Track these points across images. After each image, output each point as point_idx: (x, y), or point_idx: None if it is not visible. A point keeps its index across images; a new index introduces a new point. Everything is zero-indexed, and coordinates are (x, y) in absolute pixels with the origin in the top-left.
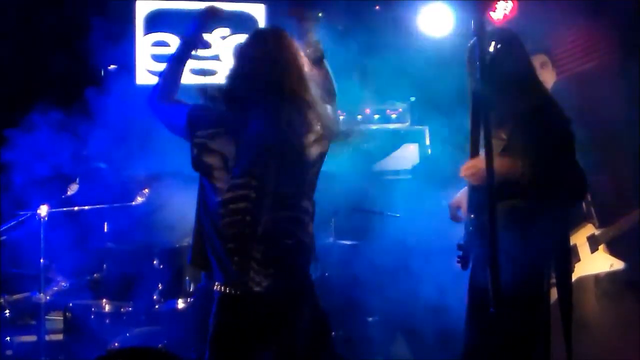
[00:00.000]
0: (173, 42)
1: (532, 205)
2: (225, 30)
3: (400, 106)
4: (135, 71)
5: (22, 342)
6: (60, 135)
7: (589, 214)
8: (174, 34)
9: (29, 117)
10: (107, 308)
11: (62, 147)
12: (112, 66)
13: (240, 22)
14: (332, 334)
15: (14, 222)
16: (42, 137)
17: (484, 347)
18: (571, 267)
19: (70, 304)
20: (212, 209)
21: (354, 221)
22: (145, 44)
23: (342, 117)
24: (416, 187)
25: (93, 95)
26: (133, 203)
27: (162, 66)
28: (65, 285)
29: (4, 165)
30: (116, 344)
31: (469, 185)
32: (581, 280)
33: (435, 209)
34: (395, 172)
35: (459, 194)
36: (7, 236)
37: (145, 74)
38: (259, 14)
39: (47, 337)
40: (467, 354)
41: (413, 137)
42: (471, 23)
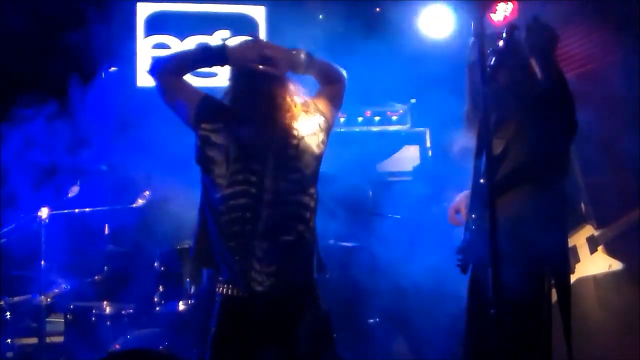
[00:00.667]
0: (174, 44)
1: (532, 202)
2: (226, 32)
3: (401, 108)
4: (136, 73)
5: (23, 344)
6: (60, 137)
7: (588, 215)
8: (175, 35)
9: (28, 116)
10: (107, 310)
11: (62, 149)
12: (113, 68)
13: (241, 24)
14: (335, 335)
15: (14, 225)
16: (41, 138)
17: (484, 349)
18: (570, 268)
19: (71, 306)
20: (213, 207)
21: (354, 223)
22: (146, 46)
23: (342, 119)
24: (417, 189)
25: (93, 96)
26: (134, 205)
27: None
28: (66, 287)
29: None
30: (117, 346)
31: (472, 185)
32: (581, 281)
33: (436, 211)
34: (396, 173)
35: (458, 198)
36: (8, 238)
37: (146, 76)
38: (259, 15)
39: (48, 339)
40: (467, 355)
41: (414, 139)
42: (471, 25)
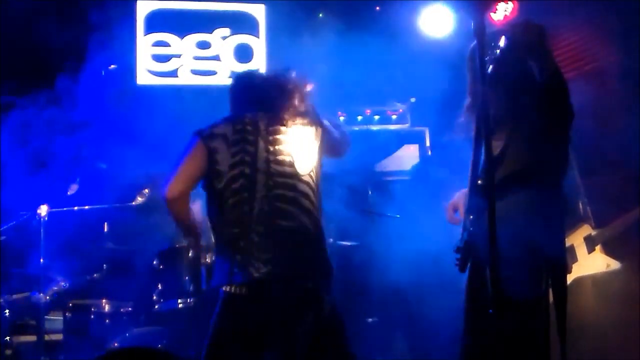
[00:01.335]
0: (173, 42)
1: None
2: (226, 30)
3: (401, 107)
4: (136, 71)
5: (22, 342)
6: (59, 136)
7: (586, 215)
8: (175, 33)
9: (26, 114)
10: (106, 308)
11: (61, 147)
12: (113, 66)
13: (240, 22)
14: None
15: (14, 222)
16: (41, 137)
17: (482, 348)
18: (568, 268)
19: (70, 304)
20: (217, 200)
21: (353, 222)
22: (145, 44)
23: (342, 118)
24: (416, 188)
25: (92, 94)
26: (133, 203)
27: (162, 66)
28: (65, 285)
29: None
30: (116, 344)
31: (470, 186)
32: (578, 281)
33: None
34: (396, 173)
35: (456, 196)
36: (7, 236)
37: (146, 74)
38: (259, 13)
39: (47, 337)
40: (466, 354)
41: (413, 138)
42: (471, 24)
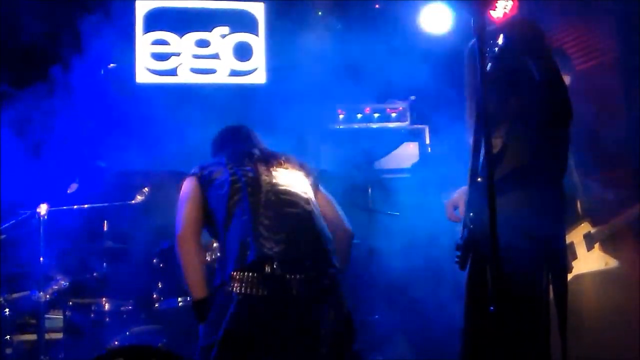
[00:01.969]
0: (173, 40)
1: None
2: (225, 29)
3: (401, 105)
4: (135, 70)
5: (21, 341)
6: (58, 134)
7: (585, 212)
8: (174, 32)
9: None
10: (106, 307)
11: (61, 146)
12: (112, 65)
13: (240, 21)
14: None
15: (13, 221)
16: (40, 136)
17: (483, 345)
18: (568, 265)
19: (70, 303)
20: (220, 203)
21: (353, 220)
22: (144, 43)
23: (341, 116)
24: (416, 186)
25: (92, 93)
26: (133, 202)
27: (161, 65)
28: (64, 283)
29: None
30: (116, 343)
31: (469, 183)
32: (577, 278)
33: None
34: (395, 170)
35: (456, 193)
36: (7, 235)
37: (145, 73)
38: (258, 12)
39: (47, 336)
40: (466, 352)
41: (413, 135)
42: (471, 22)
